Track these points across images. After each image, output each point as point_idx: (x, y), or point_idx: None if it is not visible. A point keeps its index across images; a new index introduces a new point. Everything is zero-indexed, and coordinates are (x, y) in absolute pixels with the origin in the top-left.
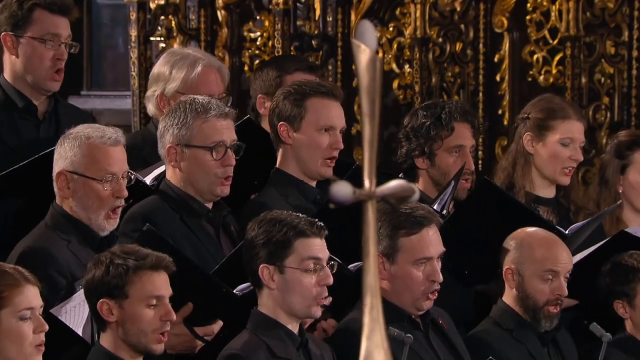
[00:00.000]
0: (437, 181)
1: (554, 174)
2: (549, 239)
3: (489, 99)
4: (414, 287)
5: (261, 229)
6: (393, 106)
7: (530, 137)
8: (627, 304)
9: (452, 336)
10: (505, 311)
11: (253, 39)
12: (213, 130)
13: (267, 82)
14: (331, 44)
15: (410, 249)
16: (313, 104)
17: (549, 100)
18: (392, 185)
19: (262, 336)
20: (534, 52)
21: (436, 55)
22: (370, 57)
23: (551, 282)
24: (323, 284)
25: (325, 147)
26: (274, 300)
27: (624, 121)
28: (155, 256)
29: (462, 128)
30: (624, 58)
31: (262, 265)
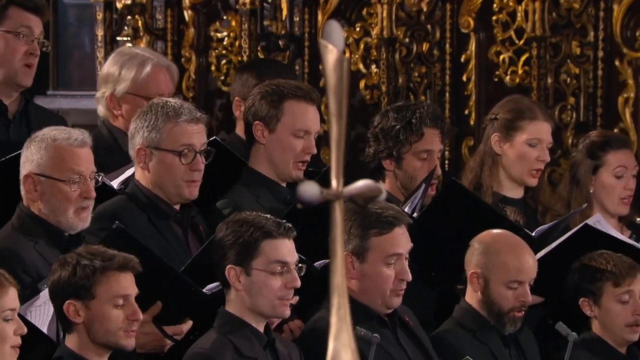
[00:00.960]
0: (404, 184)
1: (522, 175)
2: (515, 245)
3: (455, 99)
4: (384, 286)
5: (229, 230)
6: (360, 106)
7: (498, 137)
8: (593, 302)
9: (419, 333)
10: (468, 311)
11: (220, 39)
12: (183, 135)
13: (246, 87)
14: (298, 44)
15: (380, 248)
16: (290, 107)
17: (517, 101)
18: (360, 185)
19: (228, 335)
20: (500, 52)
21: (403, 55)
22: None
23: (516, 289)
24: (290, 287)
25: (299, 151)
26: (240, 300)
27: (589, 121)
28: (122, 257)
29: (432, 134)
30: (589, 58)
31: (229, 266)
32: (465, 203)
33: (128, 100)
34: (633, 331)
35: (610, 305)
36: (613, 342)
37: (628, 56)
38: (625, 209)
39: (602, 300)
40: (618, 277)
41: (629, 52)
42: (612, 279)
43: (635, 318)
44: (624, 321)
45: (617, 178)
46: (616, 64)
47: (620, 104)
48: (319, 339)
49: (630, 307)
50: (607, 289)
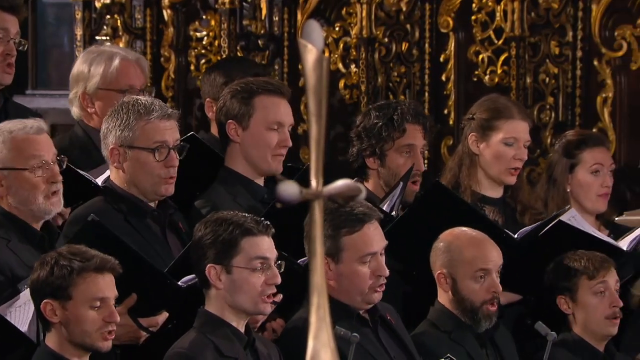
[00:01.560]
0: (387, 182)
1: (499, 174)
2: (476, 238)
3: (434, 99)
4: (361, 284)
5: (208, 229)
6: (339, 106)
7: (475, 137)
8: (569, 299)
9: (400, 331)
10: (443, 312)
11: (199, 38)
12: (155, 132)
13: (215, 87)
14: (277, 44)
15: (353, 247)
16: (261, 102)
17: (494, 100)
18: (339, 184)
19: (209, 335)
20: (479, 52)
21: (382, 55)
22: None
23: (484, 281)
24: (271, 283)
25: (274, 145)
26: (221, 299)
27: (568, 121)
28: (100, 258)
29: (414, 129)
30: (568, 58)
31: (209, 266)
32: (448, 204)
33: (100, 96)
34: (612, 324)
35: (586, 299)
36: (592, 339)
37: (607, 56)
38: (603, 205)
39: (578, 295)
40: (592, 271)
41: (607, 52)
42: (586, 273)
43: (613, 310)
44: (603, 314)
45: (594, 176)
46: (595, 63)
47: (599, 104)
48: (299, 339)
49: (607, 299)
50: (582, 283)
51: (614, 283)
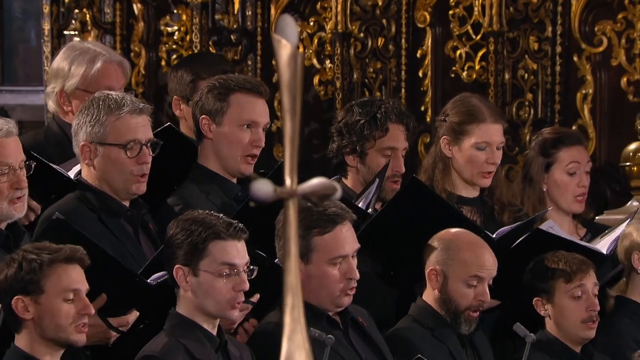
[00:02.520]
0: (366, 180)
1: (472, 177)
2: (476, 243)
3: (411, 96)
4: (330, 286)
5: (179, 228)
6: (314, 102)
7: (447, 141)
8: (546, 301)
9: (373, 334)
10: (425, 309)
11: (170, 33)
12: (127, 128)
13: (182, 85)
14: (250, 39)
15: (324, 248)
16: (237, 99)
17: (466, 102)
18: (314, 183)
19: (180, 338)
20: (456, 47)
21: (357, 50)
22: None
23: (475, 287)
24: (238, 290)
25: (246, 143)
26: (189, 301)
27: (547, 118)
28: (69, 248)
29: (397, 130)
30: (547, 54)
31: (177, 266)
32: (426, 201)
33: (78, 96)
34: (588, 328)
35: (563, 302)
36: (568, 341)
37: (586, 52)
38: (580, 207)
39: (555, 298)
40: (569, 273)
41: (587, 47)
42: (564, 276)
43: (589, 314)
44: (579, 318)
45: (570, 175)
46: (574, 59)
47: (579, 100)
48: (272, 340)
49: (584, 303)
50: (559, 285)
51: (592, 286)
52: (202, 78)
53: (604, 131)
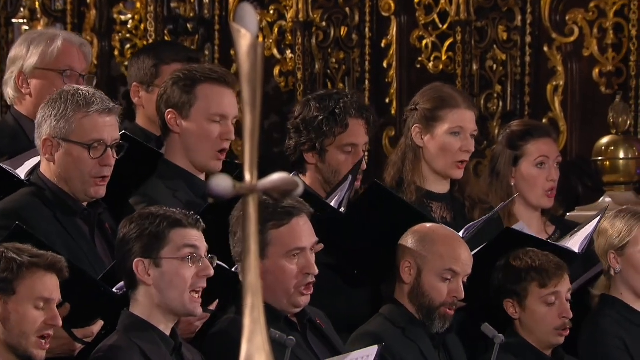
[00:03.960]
0: (327, 178)
1: (445, 167)
2: (452, 237)
3: (375, 87)
4: (287, 281)
5: (133, 224)
6: (274, 94)
7: (418, 129)
8: (517, 303)
9: (331, 335)
10: (398, 308)
11: (124, 21)
12: (93, 127)
13: (143, 70)
14: (208, 28)
15: (280, 241)
16: (204, 91)
17: (437, 89)
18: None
19: (134, 339)
20: (422, 37)
21: (320, 40)
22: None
23: (449, 282)
24: (203, 275)
25: (216, 137)
26: (148, 299)
27: (517, 110)
28: (52, 256)
29: (357, 125)
30: (516, 44)
31: (136, 260)
32: (388, 204)
33: (37, 76)
34: (559, 335)
35: (535, 307)
36: (538, 345)
37: (557, 42)
38: (549, 202)
39: (527, 302)
40: (544, 278)
41: (558, 37)
42: (538, 280)
43: (562, 321)
44: (551, 325)
45: (538, 169)
46: (545, 49)
47: (549, 92)
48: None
49: (557, 309)
50: (533, 290)
51: (565, 292)
52: (165, 63)
53: (575, 124)
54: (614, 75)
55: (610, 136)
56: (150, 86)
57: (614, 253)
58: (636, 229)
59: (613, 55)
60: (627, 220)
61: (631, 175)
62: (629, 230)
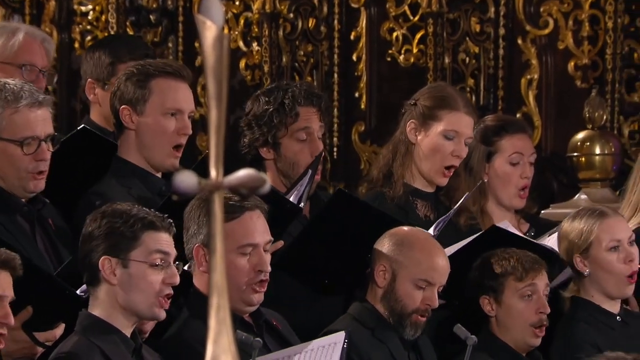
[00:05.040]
0: (285, 172)
1: (431, 171)
2: (431, 245)
3: (344, 81)
4: (238, 278)
5: (104, 221)
6: (240, 88)
7: (414, 125)
8: (493, 300)
9: (288, 337)
10: (368, 309)
11: (84, 13)
12: (24, 123)
13: (99, 67)
14: (171, 19)
15: (231, 236)
16: (158, 85)
17: (440, 88)
18: (241, 174)
19: (94, 340)
20: (393, 29)
21: (287, 32)
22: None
23: (424, 290)
24: (169, 282)
25: (172, 132)
26: (111, 297)
27: (490, 105)
28: (4, 253)
29: (308, 113)
30: (490, 36)
31: (103, 258)
32: (355, 211)
33: None
34: (535, 335)
35: (511, 302)
36: (513, 345)
37: (531, 34)
38: (520, 202)
39: (504, 297)
40: (521, 271)
41: (532, 29)
42: (515, 274)
43: (539, 316)
44: (528, 320)
45: (512, 165)
46: (519, 42)
47: (524, 86)
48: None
49: (534, 304)
50: (509, 284)
51: (543, 287)
52: (122, 61)
53: (550, 119)
54: (589, 69)
55: (586, 131)
56: (106, 84)
57: (580, 256)
58: (596, 228)
59: (589, 48)
60: (586, 220)
61: (607, 171)
62: (589, 230)
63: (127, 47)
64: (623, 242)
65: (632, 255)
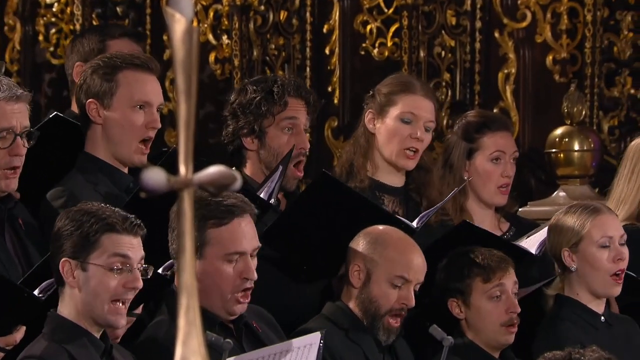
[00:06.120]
0: (268, 164)
1: (393, 155)
2: (406, 242)
3: (317, 75)
4: (223, 285)
5: (68, 220)
6: (209, 82)
7: (372, 114)
8: (462, 302)
9: (267, 340)
10: (341, 310)
11: (48, 4)
12: (1, 115)
13: (88, 46)
14: (139, 12)
15: (220, 242)
16: (125, 78)
17: (398, 77)
18: (211, 171)
19: (62, 343)
20: (367, 22)
21: (258, 25)
22: (185, 28)
23: (399, 289)
24: (130, 287)
25: (140, 125)
26: (74, 300)
27: (466, 100)
28: None
29: (296, 104)
30: (466, 29)
31: (63, 259)
32: (339, 196)
33: None
34: (508, 332)
35: (480, 303)
36: (486, 346)
37: (509, 27)
38: (502, 199)
39: (472, 299)
40: (487, 272)
41: (509, 22)
42: (481, 275)
43: (509, 316)
44: (498, 320)
45: (494, 164)
46: (496, 35)
47: (501, 81)
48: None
49: (503, 304)
50: (476, 285)
51: (511, 286)
52: (112, 37)
53: (527, 114)
54: (568, 63)
55: (565, 127)
56: None
57: (568, 250)
58: (589, 223)
59: (567, 42)
60: (579, 215)
61: (586, 168)
62: (581, 225)
63: (116, 26)
64: (614, 240)
65: (622, 255)
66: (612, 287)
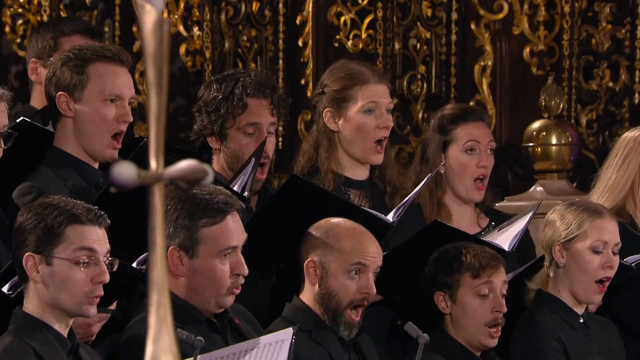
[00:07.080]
0: (230, 163)
1: (363, 151)
2: (357, 230)
3: (290, 67)
4: (218, 283)
5: (31, 214)
6: (180, 75)
7: (330, 113)
8: (448, 296)
9: (249, 338)
10: (302, 310)
11: None
12: None
13: (41, 43)
14: (107, 2)
15: (213, 240)
16: (96, 70)
17: (343, 67)
18: (182, 166)
19: (27, 340)
20: (341, 13)
21: (229, 16)
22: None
23: (358, 278)
24: (97, 282)
25: (111, 119)
26: (39, 296)
27: (442, 93)
28: None
29: (257, 105)
30: (442, 21)
31: (27, 254)
32: (310, 197)
33: None
34: (491, 335)
35: (467, 299)
36: (468, 345)
37: (485, 19)
38: (478, 195)
39: (459, 294)
40: (477, 268)
41: (486, 14)
42: (471, 270)
43: (495, 315)
44: (482, 319)
45: (468, 154)
46: (472, 27)
47: (477, 73)
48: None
49: (490, 303)
50: (465, 280)
51: (500, 285)
52: (64, 35)
53: (504, 108)
54: (545, 55)
55: (542, 120)
56: (48, 60)
57: (560, 245)
58: (587, 224)
59: (545, 34)
60: (579, 214)
61: (564, 162)
62: (579, 224)
63: (70, 22)
64: (609, 246)
65: (612, 262)
66: (593, 294)
